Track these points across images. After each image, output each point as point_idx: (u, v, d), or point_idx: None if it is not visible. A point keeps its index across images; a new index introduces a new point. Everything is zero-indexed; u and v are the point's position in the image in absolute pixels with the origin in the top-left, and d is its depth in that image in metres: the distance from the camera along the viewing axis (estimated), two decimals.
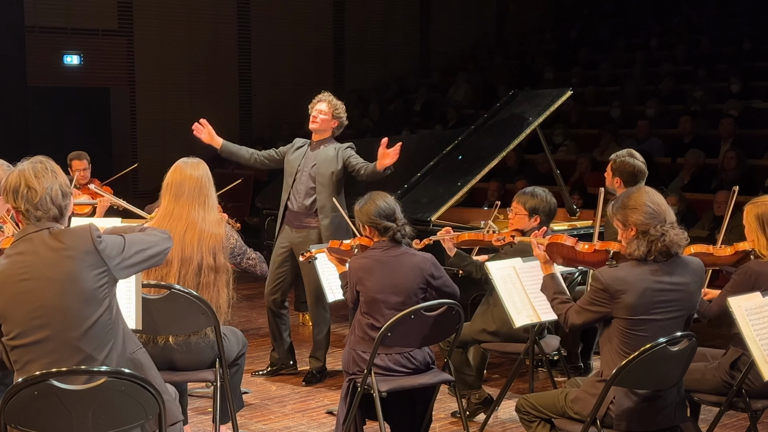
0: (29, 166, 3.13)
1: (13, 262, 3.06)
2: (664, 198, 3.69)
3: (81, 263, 3.03)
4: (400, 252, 4.29)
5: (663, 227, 3.51)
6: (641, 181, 5.17)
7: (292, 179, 5.75)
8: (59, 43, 12.54)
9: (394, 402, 4.23)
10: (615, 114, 11.63)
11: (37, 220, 3.09)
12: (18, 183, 3.09)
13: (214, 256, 4.14)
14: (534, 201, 4.90)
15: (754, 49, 12.60)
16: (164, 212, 4.19)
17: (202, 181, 4.22)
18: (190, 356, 4.14)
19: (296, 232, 5.75)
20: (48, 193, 3.08)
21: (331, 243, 4.73)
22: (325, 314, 5.86)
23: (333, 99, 5.77)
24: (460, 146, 7.16)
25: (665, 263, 3.54)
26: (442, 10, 16.22)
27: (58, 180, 3.14)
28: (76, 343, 3.01)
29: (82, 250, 3.04)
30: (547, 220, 4.95)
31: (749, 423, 4.04)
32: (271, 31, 14.35)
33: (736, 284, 4.05)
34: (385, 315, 4.16)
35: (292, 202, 5.76)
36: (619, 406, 3.55)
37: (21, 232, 3.13)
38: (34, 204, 3.07)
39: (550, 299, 3.87)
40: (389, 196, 4.40)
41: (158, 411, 3.02)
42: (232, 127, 14.04)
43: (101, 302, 3.07)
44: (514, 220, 4.98)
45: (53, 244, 3.04)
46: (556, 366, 5.67)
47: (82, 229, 3.10)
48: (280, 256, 5.82)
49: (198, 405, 5.34)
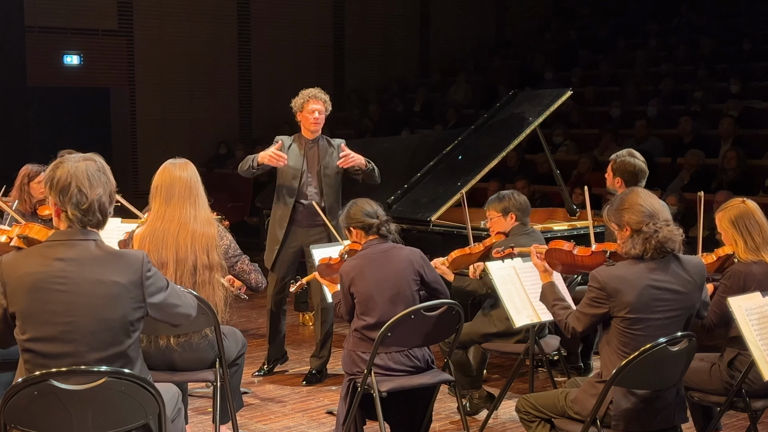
0: (84, 166, 2.97)
1: (52, 267, 2.91)
2: (659, 199, 3.70)
3: (125, 292, 2.93)
4: (389, 247, 4.33)
5: (656, 224, 3.52)
6: (642, 180, 5.17)
7: (298, 183, 5.70)
8: (59, 43, 12.55)
9: (394, 402, 4.23)
10: (615, 114, 11.63)
11: (82, 226, 2.96)
12: (68, 183, 2.93)
13: (208, 254, 4.14)
14: (503, 203, 5.20)
15: (754, 49, 12.60)
16: (156, 215, 4.19)
17: (191, 181, 4.22)
18: (190, 356, 4.14)
19: (310, 230, 5.74)
20: (98, 200, 2.95)
21: (320, 261, 4.70)
22: (331, 312, 5.86)
23: (323, 95, 5.74)
24: (460, 146, 7.17)
25: (663, 261, 3.54)
26: (442, 10, 16.21)
27: (108, 186, 3.01)
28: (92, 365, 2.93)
29: (129, 279, 2.94)
30: (522, 216, 5.20)
31: (749, 423, 4.04)
32: (271, 31, 14.35)
33: (727, 289, 4.06)
34: (380, 310, 4.16)
35: (302, 202, 5.74)
36: (618, 406, 3.55)
37: (64, 235, 2.97)
38: (82, 210, 2.93)
39: (550, 307, 3.87)
40: (372, 201, 4.46)
41: (158, 411, 3.02)
42: (232, 127, 14.06)
43: (130, 334, 2.98)
44: (493, 226, 5.26)
45: (101, 263, 2.92)
46: (556, 366, 5.67)
47: (134, 256, 2.99)
48: (289, 256, 5.81)
49: (198, 405, 5.34)
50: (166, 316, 3.18)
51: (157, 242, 4.10)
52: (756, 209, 4.16)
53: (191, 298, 3.37)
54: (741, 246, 4.11)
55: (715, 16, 14.69)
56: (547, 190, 9.48)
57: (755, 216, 4.13)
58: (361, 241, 4.38)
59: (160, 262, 4.04)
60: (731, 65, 12.18)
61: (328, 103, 5.76)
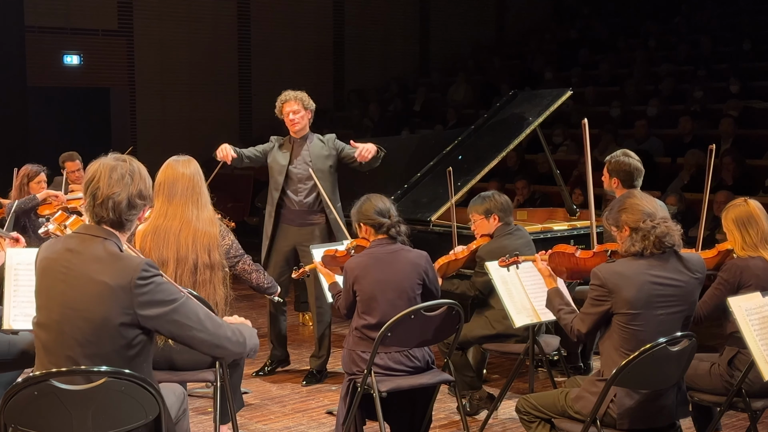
0: (111, 163, 2.98)
1: (61, 254, 2.96)
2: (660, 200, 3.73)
3: (110, 294, 2.88)
4: (396, 249, 4.31)
5: (654, 221, 3.58)
6: (638, 178, 5.18)
7: (283, 178, 5.74)
8: (59, 43, 12.55)
9: (394, 402, 4.23)
10: (615, 114, 11.63)
11: (97, 221, 2.97)
12: (93, 176, 2.97)
13: (209, 254, 4.14)
14: (484, 204, 5.22)
15: (754, 49, 12.61)
16: (158, 212, 4.19)
17: (194, 179, 4.21)
18: (190, 356, 4.13)
19: (301, 229, 5.76)
20: (112, 198, 2.94)
21: (325, 252, 4.72)
22: (328, 311, 5.87)
23: (297, 93, 5.75)
24: (460, 146, 7.16)
25: (662, 257, 3.58)
26: (442, 10, 16.22)
27: (130, 188, 2.97)
28: (79, 361, 2.92)
29: (117, 283, 2.88)
30: (504, 216, 5.20)
31: (749, 423, 4.04)
32: (271, 31, 14.36)
33: (723, 281, 4.14)
34: (382, 311, 4.16)
35: (291, 201, 5.76)
36: (619, 405, 3.56)
37: (84, 228, 3.01)
38: (98, 203, 2.95)
39: (556, 312, 3.91)
40: (385, 197, 4.44)
41: (158, 411, 3.02)
42: (232, 127, 14.06)
43: (117, 340, 2.90)
44: (477, 228, 5.27)
45: (99, 262, 2.91)
46: (556, 366, 5.67)
47: (132, 262, 2.92)
48: (281, 256, 5.82)
49: (198, 405, 5.34)
50: (178, 339, 3.02)
51: (159, 240, 4.10)
52: (756, 207, 4.23)
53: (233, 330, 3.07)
54: (739, 243, 4.19)
55: (715, 16, 14.69)
56: (547, 190, 9.48)
57: (754, 214, 4.20)
58: (370, 238, 4.37)
59: (161, 260, 4.04)
60: (731, 65, 12.18)
61: (306, 101, 5.75)
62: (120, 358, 2.92)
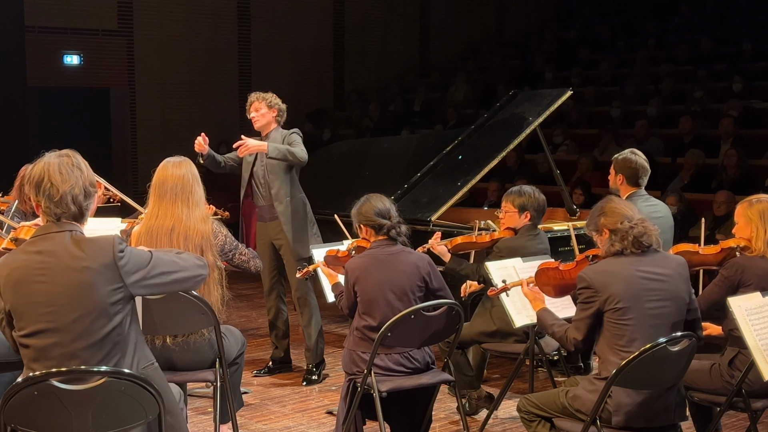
0: (56, 161, 3.03)
1: (32, 260, 2.97)
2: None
3: (98, 276, 2.95)
4: (397, 250, 4.30)
5: (631, 222, 3.65)
6: (644, 177, 5.19)
7: (248, 174, 5.80)
8: (59, 43, 12.54)
9: (394, 402, 4.23)
10: (615, 114, 11.63)
11: (57, 219, 3.01)
12: (41, 177, 3.00)
13: (202, 253, 4.13)
14: (522, 198, 5.06)
15: (754, 49, 12.60)
16: (150, 212, 4.21)
17: (185, 178, 4.22)
18: (189, 356, 4.14)
19: (270, 224, 5.80)
20: (70, 192, 2.99)
21: (327, 252, 4.72)
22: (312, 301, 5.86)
23: (260, 94, 5.81)
24: (460, 146, 7.17)
25: (643, 255, 3.63)
26: (441, 10, 16.22)
27: (82, 178, 3.04)
28: (79, 354, 2.96)
29: (101, 263, 2.95)
30: (537, 216, 5.09)
31: (749, 423, 4.04)
32: (271, 31, 14.35)
33: (723, 278, 4.13)
34: (382, 312, 4.16)
35: (257, 197, 5.83)
36: (618, 404, 3.56)
37: (42, 230, 3.03)
38: (55, 201, 2.98)
39: (549, 330, 3.91)
40: (385, 197, 4.43)
41: (158, 411, 3.02)
42: (232, 127, 14.04)
43: (112, 317, 2.99)
44: (505, 219, 5.14)
45: (74, 252, 2.95)
46: (556, 366, 5.67)
47: (105, 240, 3.00)
48: (264, 252, 5.83)
49: (198, 405, 5.34)
50: (162, 288, 3.18)
51: (151, 240, 4.11)
52: None
53: (193, 257, 3.30)
54: (762, 237, 4.11)
55: (715, 16, 14.69)
56: (547, 190, 9.43)
57: None
58: (371, 239, 4.36)
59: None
60: (731, 65, 12.18)
61: (270, 100, 5.78)
62: (116, 335, 3.01)
